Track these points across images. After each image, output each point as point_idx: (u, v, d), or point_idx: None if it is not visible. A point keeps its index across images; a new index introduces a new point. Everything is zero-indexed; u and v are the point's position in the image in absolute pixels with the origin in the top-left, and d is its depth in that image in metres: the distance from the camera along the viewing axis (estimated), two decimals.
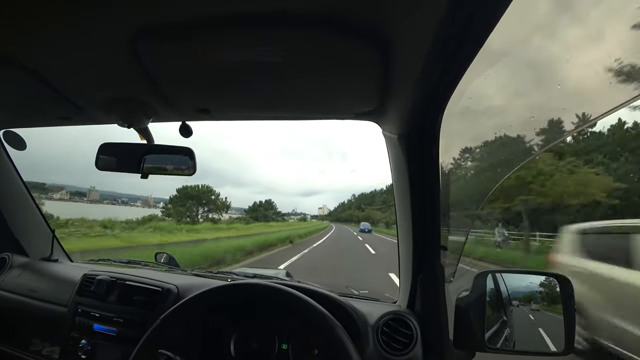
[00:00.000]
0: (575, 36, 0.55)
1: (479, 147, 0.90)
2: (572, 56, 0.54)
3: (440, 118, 0.77)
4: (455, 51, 0.59)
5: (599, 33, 0.52)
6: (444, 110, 0.74)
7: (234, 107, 0.97)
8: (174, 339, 0.82)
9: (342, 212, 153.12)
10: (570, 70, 0.55)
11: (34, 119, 1.20)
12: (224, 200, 41.48)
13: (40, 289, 1.27)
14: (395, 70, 0.68)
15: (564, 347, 0.85)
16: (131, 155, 1.06)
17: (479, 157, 0.94)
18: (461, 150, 0.97)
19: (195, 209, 39.00)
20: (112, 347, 1.06)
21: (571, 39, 0.55)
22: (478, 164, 0.94)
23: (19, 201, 1.44)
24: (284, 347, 0.96)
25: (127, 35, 0.61)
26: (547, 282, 0.94)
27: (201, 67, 0.72)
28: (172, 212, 36.40)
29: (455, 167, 0.97)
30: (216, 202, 40.52)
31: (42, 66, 0.76)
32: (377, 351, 0.95)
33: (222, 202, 41.09)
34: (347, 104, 0.88)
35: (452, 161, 0.92)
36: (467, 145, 0.96)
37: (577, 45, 0.54)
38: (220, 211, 40.55)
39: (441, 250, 0.95)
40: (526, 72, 0.62)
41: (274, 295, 0.85)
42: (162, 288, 1.10)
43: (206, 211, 39.91)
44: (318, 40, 0.61)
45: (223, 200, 41.28)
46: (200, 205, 39.48)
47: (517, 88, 0.66)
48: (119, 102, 0.91)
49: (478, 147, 0.90)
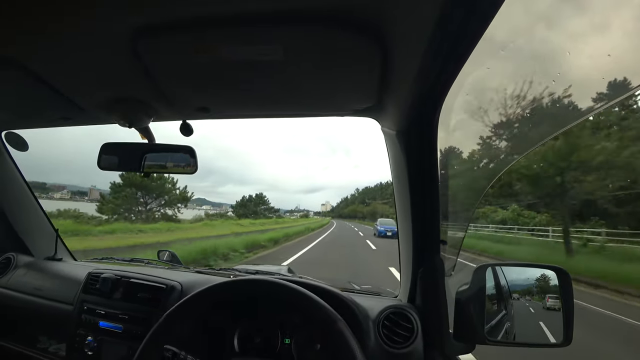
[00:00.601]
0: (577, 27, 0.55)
1: (477, 141, 0.90)
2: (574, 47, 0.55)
3: (438, 113, 0.77)
4: (453, 46, 0.59)
5: (603, 24, 0.52)
6: (442, 106, 0.75)
7: (233, 105, 0.98)
8: (179, 335, 0.83)
9: (345, 208, 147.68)
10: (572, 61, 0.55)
11: (35, 119, 1.20)
12: (184, 190, 29.87)
13: (46, 288, 1.29)
14: (394, 66, 0.68)
15: (562, 338, 0.87)
16: (133, 154, 1.07)
17: (477, 152, 0.94)
18: (460, 145, 0.98)
19: (143, 200, 27.77)
20: (118, 344, 1.08)
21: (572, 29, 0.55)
22: (476, 158, 0.94)
23: (23, 202, 1.45)
24: (286, 341, 0.97)
25: (127, 34, 0.62)
26: (546, 275, 0.94)
27: (201, 65, 0.72)
28: (108, 208, 25.58)
29: (454, 162, 0.98)
30: (170, 192, 28.70)
31: (43, 66, 0.77)
32: (378, 344, 0.96)
33: (181, 193, 29.68)
34: (346, 100, 0.89)
35: (451, 156, 0.93)
36: (466, 140, 0.97)
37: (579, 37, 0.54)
38: (174, 205, 29.43)
39: (441, 245, 0.96)
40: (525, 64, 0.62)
41: (277, 290, 0.86)
42: (166, 285, 1.12)
43: (161, 205, 28.78)
44: (317, 37, 0.61)
45: (182, 190, 29.69)
46: (149, 196, 28.02)
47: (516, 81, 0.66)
48: (120, 102, 0.91)
49: (476, 142, 0.91)
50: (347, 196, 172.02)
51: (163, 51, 0.67)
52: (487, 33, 0.54)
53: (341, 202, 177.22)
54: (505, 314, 0.97)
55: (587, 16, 0.53)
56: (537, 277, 0.96)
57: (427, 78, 0.69)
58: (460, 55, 0.60)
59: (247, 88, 0.83)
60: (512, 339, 0.93)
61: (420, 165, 0.90)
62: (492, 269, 0.95)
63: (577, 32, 0.54)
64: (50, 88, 0.86)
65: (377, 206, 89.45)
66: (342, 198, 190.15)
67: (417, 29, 0.57)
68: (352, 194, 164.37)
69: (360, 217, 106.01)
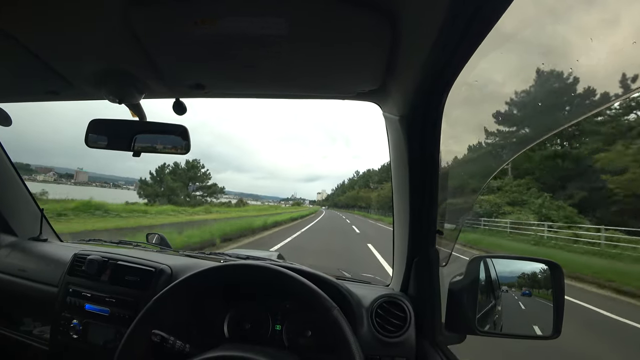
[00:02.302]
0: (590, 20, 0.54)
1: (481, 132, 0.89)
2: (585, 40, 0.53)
3: (444, 100, 0.75)
4: (465, 30, 0.57)
5: (615, 17, 0.50)
6: (448, 92, 0.73)
7: (231, 84, 0.93)
8: (168, 319, 0.81)
9: (341, 195, 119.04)
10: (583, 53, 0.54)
11: (20, 93, 1.14)
12: None
13: (30, 269, 1.25)
14: (401, 47, 0.66)
15: (552, 330, 0.88)
16: (122, 132, 1.03)
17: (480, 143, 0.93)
18: (463, 135, 0.97)
19: None
20: (105, 327, 1.06)
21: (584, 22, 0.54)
22: (479, 150, 0.93)
23: (6, 179, 1.40)
24: (277, 328, 0.96)
25: (121, 3, 0.58)
26: (538, 268, 0.95)
27: (199, 38, 0.67)
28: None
29: (455, 152, 0.96)
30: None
31: (28, 36, 0.71)
32: (371, 332, 0.96)
33: None
34: (350, 82, 0.86)
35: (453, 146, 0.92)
36: (470, 130, 0.95)
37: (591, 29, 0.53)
38: None
39: (437, 235, 0.96)
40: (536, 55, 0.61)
41: (269, 276, 0.84)
42: (155, 268, 1.09)
43: None
44: (327, 12, 0.58)
45: None
46: None
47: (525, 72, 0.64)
48: (109, 76, 0.87)
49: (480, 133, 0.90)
50: (344, 180, 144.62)
51: (158, 21, 0.63)
52: (498, 24, 0.52)
53: (337, 189, 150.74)
54: (494, 305, 0.98)
55: (596, 11, 0.52)
56: (530, 270, 0.97)
57: (436, 64, 0.67)
58: (472, 38, 0.58)
59: (247, 65, 0.79)
60: (501, 330, 0.94)
61: (421, 152, 0.88)
62: (484, 261, 0.96)
63: (587, 26, 0.52)
64: (36, 59, 0.80)
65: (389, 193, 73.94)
66: (337, 184, 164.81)
67: (430, 8, 0.54)
68: (350, 178, 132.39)
69: (363, 207, 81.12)
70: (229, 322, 0.98)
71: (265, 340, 0.96)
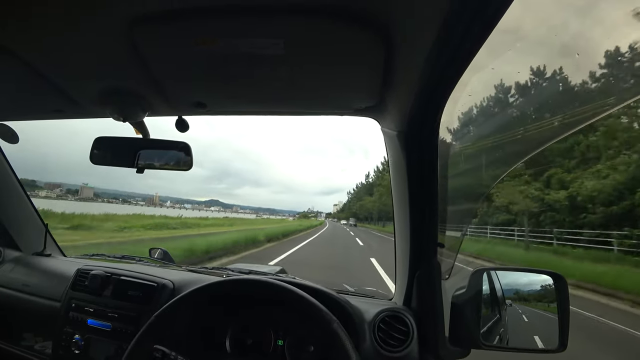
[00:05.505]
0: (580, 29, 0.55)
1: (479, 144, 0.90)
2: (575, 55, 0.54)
3: (440, 114, 0.76)
4: (458, 48, 0.58)
5: (613, 24, 0.51)
6: (444, 107, 0.74)
7: (231, 101, 0.96)
8: (169, 334, 0.81)
9: (357, 202, 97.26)
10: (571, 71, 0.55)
11: (27, 111, 1.17)
12: None
13: (33, 284, 1.26)
14: (397, 64, 0.67)
15: (557, 343, 0.86)
16: (126, 149, 1.05)
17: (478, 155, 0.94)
18: (461, 147, 0.97)
19: None
20: (107, 342, 1.05)
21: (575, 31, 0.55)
22: (477, 161, 0.94)
23: (11, 195, 1.42)
24: (279, 343, 0.95)
25: (123, 24, 0.60)
26: (542, 280, 0.94)
27: (199, 58, 0.70)
28: None
29: (455, 164, 0.97)
30: None
31: (35, 56, 0.74)
32: (373, 347, 0.95)
33: None
34: (347, 99, 0.88)
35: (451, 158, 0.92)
36: (467, 142, 0.96)
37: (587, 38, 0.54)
38: None
39: (438, 248, 0.95)
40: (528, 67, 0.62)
41: (272, 291, 0.84)
42: (157, 283, 1.10)
43: None
44: (321, 31, 0.60)
45: None
46: None
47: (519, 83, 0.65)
48: (114, 95, 0.89)
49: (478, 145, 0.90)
50: (358, 184, 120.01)
51: (159, 42, 0.65)
52: (491, 36, 0.54)
53: (352, 195, 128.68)
54: (499, 319, 0.96)
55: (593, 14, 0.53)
56: (533, 282, 0.96)
57: (431, 79, 0.69)
58: (464, 58, 0.59)
59: (246, 84, 0.81)
60: (506, 344, 0.92)
61: (420, 167, 0.89)
62: (487, 273, 0.95)
63: (584, 34, 0.53)
64: (42, 79, 0.83)
65: None
66: (347, 191, 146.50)
67: (423, 28, 0.56)
68: (362, 182, 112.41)
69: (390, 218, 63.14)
70: (231, 337, 0.97)
71: (268, 356, 0.95)
